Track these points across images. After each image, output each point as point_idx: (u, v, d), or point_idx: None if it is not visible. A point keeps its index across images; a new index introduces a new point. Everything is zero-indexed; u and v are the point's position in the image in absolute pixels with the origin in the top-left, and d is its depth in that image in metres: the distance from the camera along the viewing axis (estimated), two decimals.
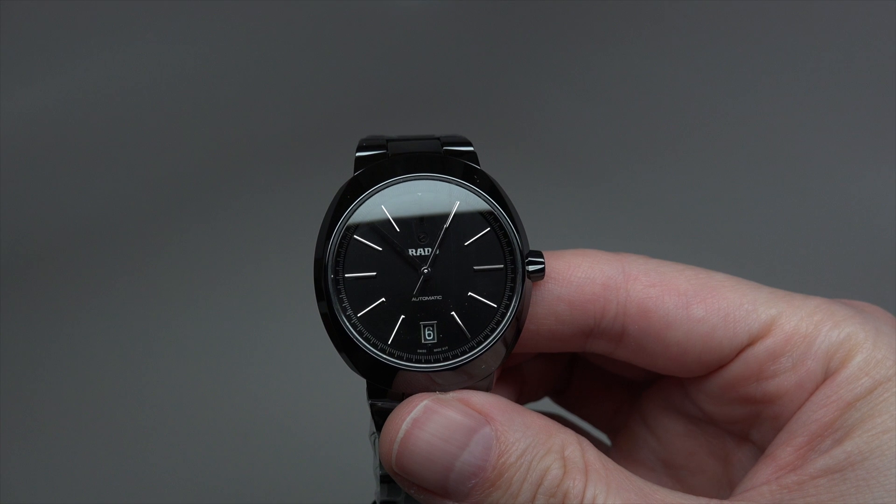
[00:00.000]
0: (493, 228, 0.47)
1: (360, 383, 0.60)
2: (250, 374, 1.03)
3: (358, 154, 0.49)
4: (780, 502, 0.44)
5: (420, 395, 0.46)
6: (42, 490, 0.95)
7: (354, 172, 0.48)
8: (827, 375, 0.46)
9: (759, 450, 0.50)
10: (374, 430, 0.50)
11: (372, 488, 0.57)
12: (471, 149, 0.50)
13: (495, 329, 0.47)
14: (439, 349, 0.46)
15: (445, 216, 0.47)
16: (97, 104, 1.23)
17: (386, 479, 0.53)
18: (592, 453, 0.45)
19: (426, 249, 0.47)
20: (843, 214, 1.09)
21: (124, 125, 1.23)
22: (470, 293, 0.47)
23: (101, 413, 1.00)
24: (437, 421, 0.45)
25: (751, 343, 0.47)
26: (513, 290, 0.47)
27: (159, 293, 1.10)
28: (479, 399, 0.45)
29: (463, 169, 0.48)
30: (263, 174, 1.20)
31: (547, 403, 0.60)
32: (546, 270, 0.48)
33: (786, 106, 1.16)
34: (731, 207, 1.12)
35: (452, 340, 0.46)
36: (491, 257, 0.47)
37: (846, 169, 1.12)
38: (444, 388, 0.46)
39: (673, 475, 0.54)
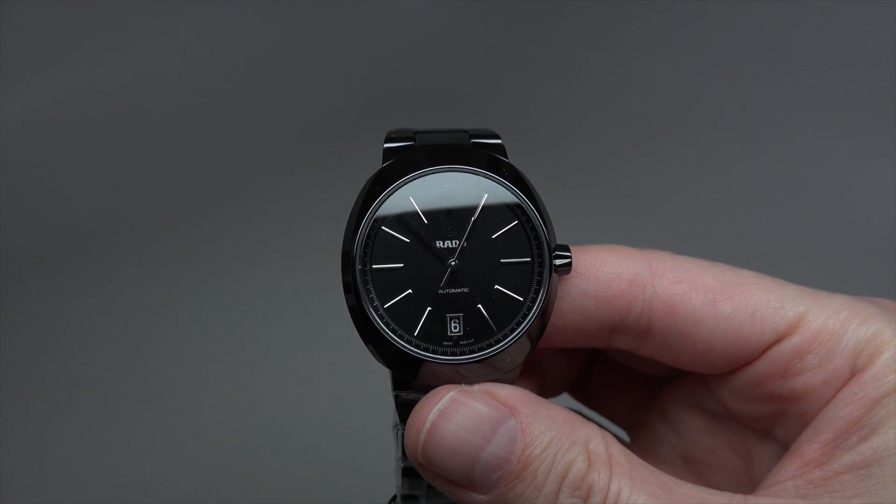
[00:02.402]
0: (520, 221, 0.47)
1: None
2: (256, 372, 1.03)
3: (386, 145, 0.49)
4: (805, 497, 0.44)
5: (446, 386, 0.46)
6: (42, 489, 0.94)
7: (382, 163, 0.49)
8: (854, 373, 0.46)
9: (783, 447, 0.50)
10: (398, 421, 0.50)
11: (391, 483, 0.57)
12: (499, 141, 0.50)
13: (521, 322, 0.47)
14: (465, 342, 0.46)
15: (473, 208, 0.47)
16: (100, 101, 1.23)
17: (408, 473, 0.52)
18: (616, 447, 0.45)
19: (454, 242, 0.47)
20: (846, 212, 1.10)
21: (129, 122, 1.23)
22: (497, 286, 0.47)
23: (103, 413, 1.00)
24: (463, 412, 0.45)
25: (777, 340, 0.48)
26: (539, 283, 0.47)
27: (163, 291, 1.10)
28: (505, 391, 0.45)
29: (491, 161, 0.48)
30: (270, 172, 1.20)
31: (566, 399, 0.60)
32: (573, 265, 0.48)
33: (790, 103, 1.16)
34: (735, 206, 1.13)
35: (478, 333, 0.46)
36: (518, 250, 0.47)
37: (849, 166, 1.12)
38: (470, 381, 0.47)
39: (693, 472, 0.54)
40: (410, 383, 0.48)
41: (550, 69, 1.25)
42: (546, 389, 0.58)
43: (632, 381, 0.59)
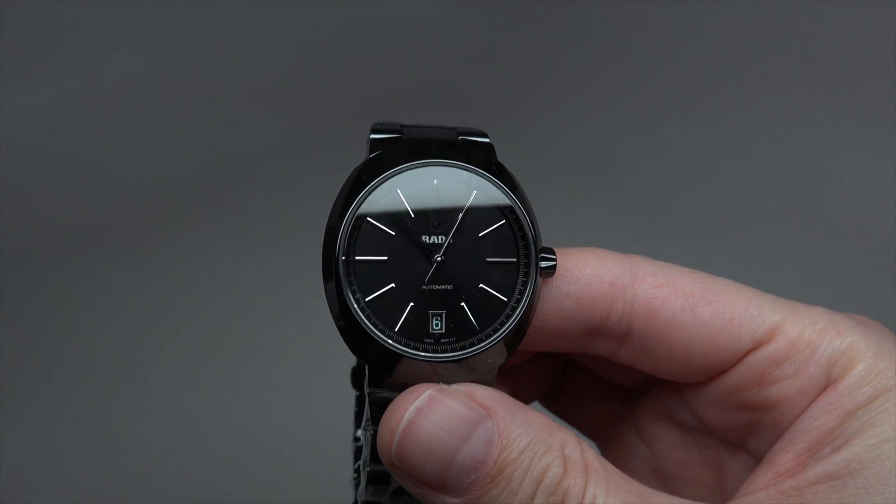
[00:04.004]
0: (508, 221, 0.47)
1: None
2: (251, 376, 1.02)
3: (372, 136, 0.48)
4: None
5: (423, 384, 0.45)
6: (41, 490, 0.93)
7: (369, 154, 0.48)
8: (828, 383, 0.46)
9: (756, 459, 0.50)
10: (369, 420, 0.48)
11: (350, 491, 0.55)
12: (487, 140, 0.49)
13: (504, 323, 0.46)
14: (446, 339, 0.46)
15: (461, 205, 0.47)
16: (100, 101, 1.21)
17: (374, 478, 0.51)
18: (591, 453, 0.45)
19: (440, 237, 0.46)
20: (846, 212, 1.10)
21: (130, 121, 1.21)
22: (481, 285, 0.46)
23: (102, 414, 0.99)
24: (440, 411, 0.44)
25: (754, 348, 0.48)
26: (525, 284, 0.46)
27: (160, 295, 1.09)
28: (482, 393, 0.45)
29: (482, 159, 0.48)
30: (262, 177, 1.19)
31: (537, 408, 0.59)
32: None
33: (790, 103, 1.16)
34: (734, 206, 1.13)
35: (460, 332, 0.46)
36: (505, 250, 0.47)
37: (849, 166, 1.12)
38: (447, 381, 0.46)
39: (665, 485, 0.54)
40: (385, 380, 0.46)
41: (548, 69, 1.25)
42: (518, 397, 0.57)
43: (604, 392, 0.58)
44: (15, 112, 1.16)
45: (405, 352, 0.45)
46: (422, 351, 0.45)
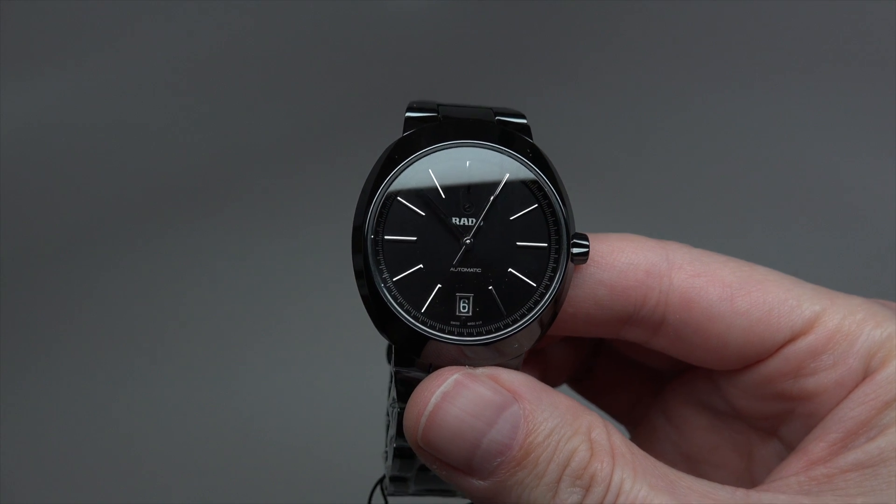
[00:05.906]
0: (540, 205, 0.46)
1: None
2: (253, 371, 1.02)
3: (408, 114, 0.47)
4: (808, 494, 0.44)
5: (450, 368, 0.45)
6: (40, 491, 0.94)
7: (403, 133, 0.47)
8: (867, 374, 0.45)
9: (787, 447, 0.49)
10: (395, 398, 0.48)
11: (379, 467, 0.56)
12: (524, 121, 0.48)
13: (532, 309, 0.45)
14: (473, 323, 0.45)
15: (493, 187, 0.46)
16: (100, 97, 1.21)
17: (400, 454, 0.51)
18: (618, 437, 0.44)
19: (470, 220, 0.45)
20: (847, 212, 1.09)
21: (126, 121, 1.20)
22: (510, 269, 0.46)
23: (101, 413, 0.99)
24: (466, 396, 0.43)
25: (792, 339, 0.47)
26: (555, 270, 0.46)
27: (159, 292, 1.08)
28: (509, 377, 0.44)
29: (517, 141, 0.47)
30: (262, 175, 1.18)
31: (565, 391, 0.59)
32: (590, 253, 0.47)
33: (788, 103, 1.14)
34: (734, 207, 1.12)
35: (487, 316, 0.45)
36: (536, 235, 0.46)
37: (849, 166, 1.11)
38: (474, 363, 0.45)
39: (694, 469, 0.53)
40: (413, 360, 0.46)
41: (550, 68, 1.24)
42: (547, 378, 0.57)
43: (634, 376, 0.58)
44: (18, 108, 1.16)
45: (432, 334, 0.45)
46: (448, 333, 0.45)
